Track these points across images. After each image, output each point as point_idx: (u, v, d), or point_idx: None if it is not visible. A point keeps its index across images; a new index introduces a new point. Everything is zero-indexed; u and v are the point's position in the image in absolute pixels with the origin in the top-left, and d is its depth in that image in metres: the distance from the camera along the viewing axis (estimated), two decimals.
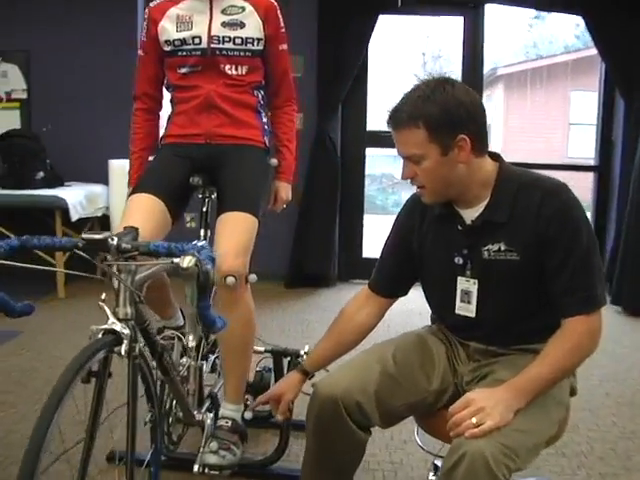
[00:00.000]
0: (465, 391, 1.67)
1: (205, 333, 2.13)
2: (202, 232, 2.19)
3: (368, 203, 5.82)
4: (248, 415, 2.14)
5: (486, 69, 12.13)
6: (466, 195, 1.61)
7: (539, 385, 1.50)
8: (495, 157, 1.64)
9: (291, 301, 4.76)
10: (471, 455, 1.34)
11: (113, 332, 1.45)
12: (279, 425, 2.24)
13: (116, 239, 1.43)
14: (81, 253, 1.44)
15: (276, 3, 2.24)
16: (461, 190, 1.60)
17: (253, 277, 2.02)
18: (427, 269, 1.75)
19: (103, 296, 1.49)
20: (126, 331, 1.46)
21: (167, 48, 2.19)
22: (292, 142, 2.37)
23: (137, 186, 2.12)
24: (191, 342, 1.46)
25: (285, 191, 2.39)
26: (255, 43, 2.18)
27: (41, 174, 4.73)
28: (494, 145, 12.12)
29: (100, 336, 1.44)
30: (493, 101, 12.68)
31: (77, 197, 4.59)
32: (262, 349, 2.51)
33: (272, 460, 2.25)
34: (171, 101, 2.28)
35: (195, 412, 2.07)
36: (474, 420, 1.40)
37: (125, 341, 1.45)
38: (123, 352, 1.45)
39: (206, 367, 2.30)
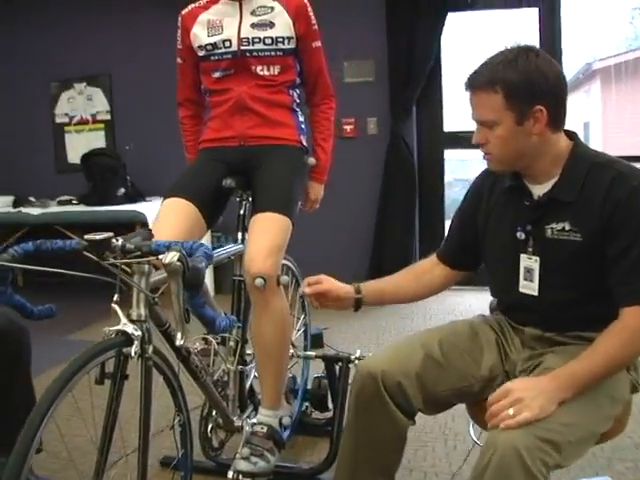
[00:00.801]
0: None
1: (243, 337, 2.10)
2: (239, 235, 2.16)
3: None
4: (286, 421, 2.08)
5: (581, 64, 11.58)
6: (534, 169, 1.56)
7: (588, 377, 1.41)
8: (571, 135, 1.58)
9: (369, 307, 4.65)
10: (503, 448, 1.26)
11: (125, 333, 1.45)
12: (331, 432, 2.19)
13: (120, 240, 1.42)
14: (90, 255, 1.43)
15: (307, 0, 2.20)
16: (530, 163, 1.55)
17: (285, 279, 1.98)
18: (490, 243, 1.70)
19: (115, 297, 1.48)
20: (137, 332, 1.45)
21: (201, 53, 2.19)
22: (327, 141, 2.32)
23: (170, 190, 2.12)
24: (179, 341, 1.40)
25: (315, 191, 2.36)
26: (286, 42, 2.14)
27: (122, 190, 4.90)
28: (593, 141, 11.56)
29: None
30: (590, 97, 12.11)
31: (156, 211, 4.68)
32: (313, 354, 2.46)
33: (321, 469, 2.19)
34: (207, 106, 2.28)
35: (235, 418, 2.04)
36: (511, 411, 1.32)
37: (135, 342, 1.44)
38: (133, 353, 1.43)
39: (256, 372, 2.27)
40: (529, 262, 1.59)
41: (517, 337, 1.68)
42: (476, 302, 4.38)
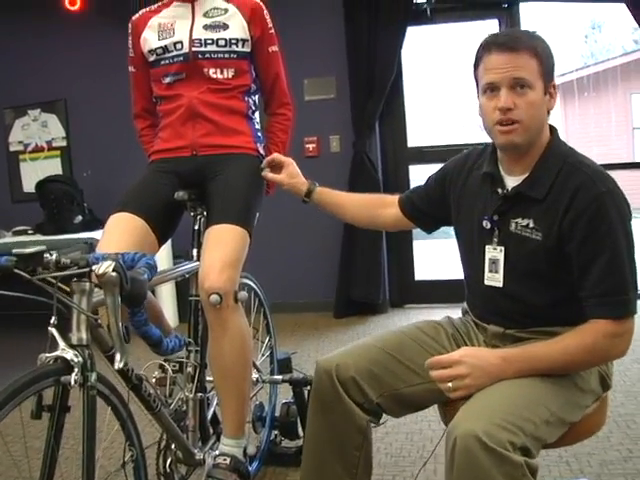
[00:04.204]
0: None
1: (202, 362, 1.94)
2: (194, 252, 2.01)
3: None
4: (251, 450, 1.92)
5: None
6: (522, 154, 1.54)
7: (536, 364, 1.44)
8: (552, 129, 1.57)
9: (341, 331, 4.50)
10: (462, 438, 1.27)
11: (64, 360, 1.29)
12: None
13: (55, 253, 1.27)
14: (22, 273, 1.28)
15: (262, 4, 2.09)
16: (532, 143, 1.52)
17: (243, 295, 1.83)
18: (461, 227, 1.71)
19: (52, 320, 1.32)
20: (78, 359, 1.30)
21: (151, 58, 2.08)
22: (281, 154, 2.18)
23: (116, 206, 1.97)
24: (117, 364, 1.26)
25: None
26: (240, 44, 2.03)
27: (79, 218, 4.72)
28: None
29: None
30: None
31: None
32: (280, 378, 2.31)
33: None
34: (158, 115, 2.14)
35: (196, 450, 1.87)
36: (450, 385, 1.41)
37: (76, 369, 1.29)
38: (73, 382, 1.28)
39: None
40: (494, 253, 1.59)
41: (480, 335, 1.69)
42: None
